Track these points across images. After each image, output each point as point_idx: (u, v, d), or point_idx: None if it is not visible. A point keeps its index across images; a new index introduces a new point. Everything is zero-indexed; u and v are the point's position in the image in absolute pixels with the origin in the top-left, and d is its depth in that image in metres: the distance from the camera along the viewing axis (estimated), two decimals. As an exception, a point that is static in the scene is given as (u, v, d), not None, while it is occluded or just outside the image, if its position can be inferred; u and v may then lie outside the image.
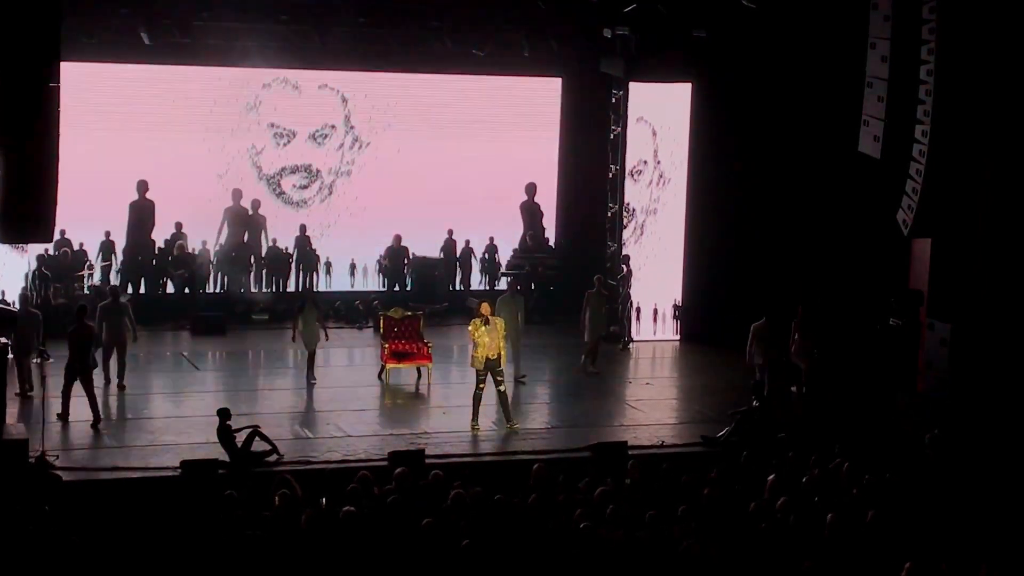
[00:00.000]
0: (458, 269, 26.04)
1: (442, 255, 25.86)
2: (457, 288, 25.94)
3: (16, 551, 12.02)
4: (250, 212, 24.55)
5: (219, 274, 24.51)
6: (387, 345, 19.87)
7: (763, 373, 19.42)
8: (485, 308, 17.65)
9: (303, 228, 25.02)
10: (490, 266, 26.11)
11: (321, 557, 12.15)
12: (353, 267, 25.30)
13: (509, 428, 17.50)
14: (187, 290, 23.89)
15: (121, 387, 18.75)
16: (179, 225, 24.04)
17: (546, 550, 12.41)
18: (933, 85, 18.06)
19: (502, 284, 25.84)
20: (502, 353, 17.60)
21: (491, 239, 26.08)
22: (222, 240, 24.46)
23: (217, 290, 24.46)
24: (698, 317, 23.57)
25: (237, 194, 24.45)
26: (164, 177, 23.79)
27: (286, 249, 24.83)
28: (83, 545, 12.27)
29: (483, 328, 17.45)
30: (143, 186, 23.81)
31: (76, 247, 23.29)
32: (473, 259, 26.05)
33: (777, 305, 19.89)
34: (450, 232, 25.86)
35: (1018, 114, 18.46)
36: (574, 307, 23.81)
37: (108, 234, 23.86)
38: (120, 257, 23.90)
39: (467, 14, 23.51)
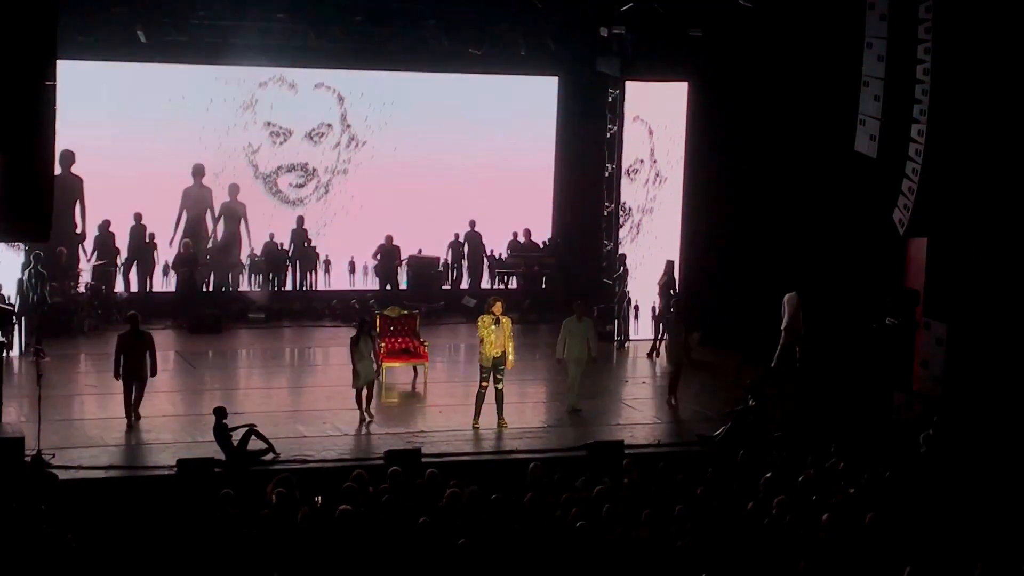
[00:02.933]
0: (465, 267, 25.99)
1: (450, 251, 25.82)
2: (464, 286, 25.92)
3: (12, 550, 12.02)
4: (227, 200, 24.18)
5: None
6: (383, 343, 19.86)
7: (786, 339, 20.71)
8: (497, 307, 17.63)
9: (300, 220, 24.88)
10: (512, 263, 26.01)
11: (317, 556, 12.15)
12: (352, 265, 25.28)
13: (499, 425, 17.55)
14: (185, 290, 23.84)
15: (136, 416, 17.17)
16: (139, 216, 23.69)
17: (542, 549, 12.42)
18: (929, 84, 18.06)
19: (512, 283, 25.87)
20: (507, 352, 17.59)
21: (515, 235, 26.05)
22: (181, 228, 23.92)
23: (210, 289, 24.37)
24: (694, 316, 23.54)
25: (198, 171, 24.04)
26: (161, 175, 23.77)
27: (282, 245, 24.79)
28: (79, 544, 12.27)
29: (492, 326, 17.46)
30: (68, 158, 22.74)
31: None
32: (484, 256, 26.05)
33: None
34: (472, 224, 25.84)
35: (1015, 114, 18.47)
36: (569, 306, 23.84)
37: (109, 224, 23.53)
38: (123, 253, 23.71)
39: (464, 13, 23.50)
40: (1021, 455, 16.14)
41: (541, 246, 26.12)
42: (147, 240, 23.89)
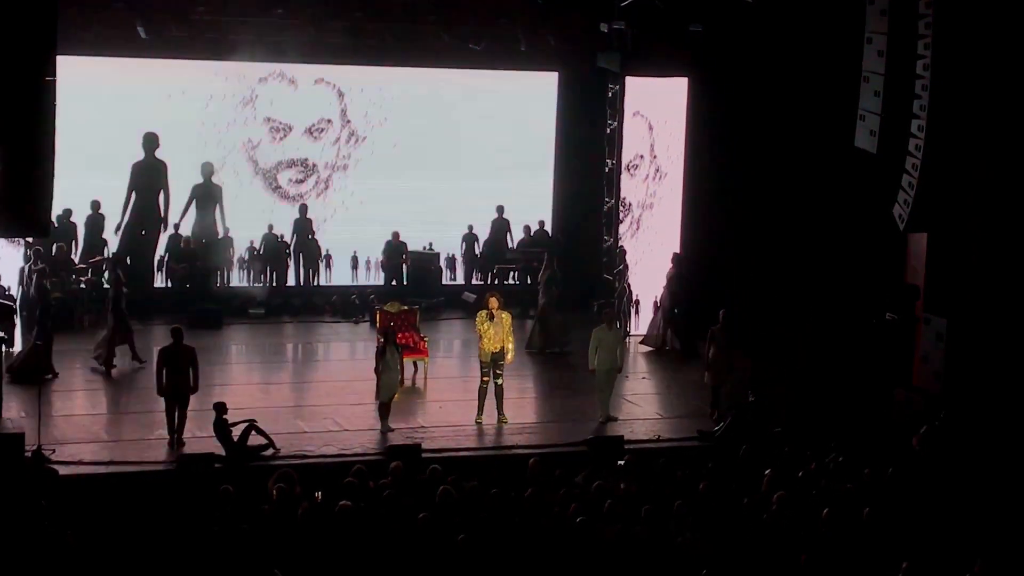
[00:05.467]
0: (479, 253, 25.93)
1: (463, 244, 25.78)
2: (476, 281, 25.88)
3: (12, 545, 12.02)
4: (199, 181, 23.79)
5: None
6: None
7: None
8: (492, 302, 17.62)
9: (303, 209, 24.71)
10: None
11: (317, 551, 12.16)
12: (355, 260, 25.23)
13: (498, 421, 17.54)
14: (188, 285, 23.76)
15: (181, 443, 16.15)
16: (96, 205, 23.38)
17: (542, 545, 12.42)
18: (929, 80, 18.07)
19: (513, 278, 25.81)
20: (506, 347, 17.58)
21: (540, 223, 26.04)
22: (129, 210, 23.33)
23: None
24: (694, 312, 23.52)
25: (150, 142, 23.42)
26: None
27: (282, 237, 24.73)
28: (79, 540, 12.28)
29: (488, 322, 17.46)
30: None
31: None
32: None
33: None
34: (500, 209, 25.81)
35: (1014, 109, 18.47)
36: (569, 303, 23.88)
37: (70, 213, 23.00)
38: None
39: (464, 9, 23.51)
40: (1021, 451, 16.14)
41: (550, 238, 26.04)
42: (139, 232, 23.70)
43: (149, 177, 23.54)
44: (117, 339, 19.63)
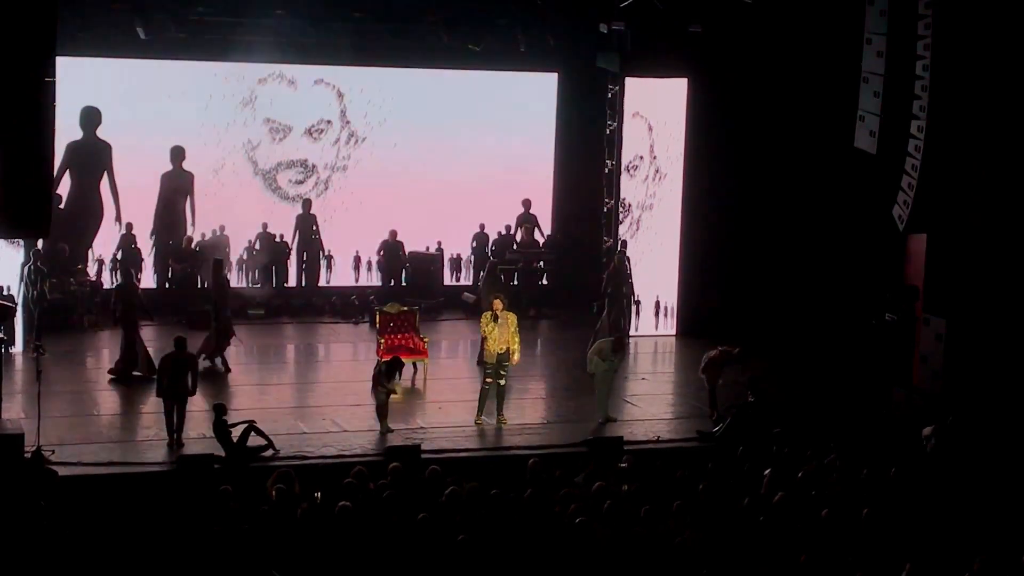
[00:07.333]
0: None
1: (475, 242, 25.78)
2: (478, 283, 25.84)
3: (12, 546, 12.03)
4: (168, 169, 23.66)
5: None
6: (383, 340, 19.84)
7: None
8: (497, 304, 17.60)
9: (307, 204, 24.66)
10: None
11: (316, 552, 12.16)
12: (357, 261, 25.21)
13: (498, 422, 17.53)
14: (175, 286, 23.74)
15: (180, 444, 16.18)
16: (59, 199, 23.01)
17: (541, 545, 12.42)
18: (929, 80, 18.08)
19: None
20: (512, 348, 17.56)
21: (553, 222, 26.00)
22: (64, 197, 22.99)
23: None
24: (694, 312, 23.56)
25: (89, 117, 22.98)
26: (160, 172, 23.80)
27: (282, 236, 24.69)
28: (79, 540, 12.28)
29: (493, 323, 17.44)
30: None
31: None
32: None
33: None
34: (527, 204, 25.78)
35: (1014, 110, 18.48)
36: (569, 302, 23.88)
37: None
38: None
39: (463, 9, 23.49)
40: (1019, 450, 16.15)
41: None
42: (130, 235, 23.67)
43: (89, 158, 23.22)
44: (224, 339, 19.87)
